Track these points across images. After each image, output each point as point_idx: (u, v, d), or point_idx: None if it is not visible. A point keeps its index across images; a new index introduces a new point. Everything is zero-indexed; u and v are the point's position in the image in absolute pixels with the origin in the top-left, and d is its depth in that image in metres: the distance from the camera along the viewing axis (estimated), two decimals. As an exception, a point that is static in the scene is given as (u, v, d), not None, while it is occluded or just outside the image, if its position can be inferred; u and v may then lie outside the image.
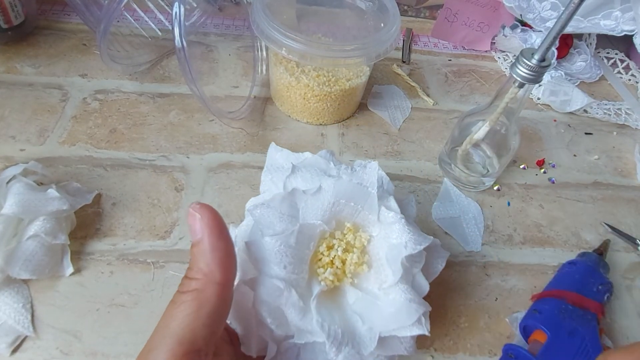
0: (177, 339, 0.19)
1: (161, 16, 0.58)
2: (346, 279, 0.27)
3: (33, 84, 0.50)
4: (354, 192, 0.27)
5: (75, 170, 0.42)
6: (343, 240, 0.28)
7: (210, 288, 0.21)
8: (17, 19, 0.51)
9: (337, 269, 0.27)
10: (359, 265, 0.27)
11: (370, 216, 0.28)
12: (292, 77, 0.47)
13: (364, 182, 0.28)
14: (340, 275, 0.27)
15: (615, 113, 0.58)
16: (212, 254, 0.21)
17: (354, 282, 0.27)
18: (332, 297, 0.27)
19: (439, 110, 0.56)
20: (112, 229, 0.39)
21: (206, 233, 0.21)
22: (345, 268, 0.27)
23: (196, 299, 0.20)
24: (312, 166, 0.30)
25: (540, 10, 0.59)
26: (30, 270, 0.33)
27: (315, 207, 0.27)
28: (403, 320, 0.25)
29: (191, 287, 0.21)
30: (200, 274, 0.21)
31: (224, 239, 0.22)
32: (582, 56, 0.63)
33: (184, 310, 0.20)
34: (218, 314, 0.21)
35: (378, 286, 0.27)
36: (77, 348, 0.32)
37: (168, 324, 0.20)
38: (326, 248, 0.27)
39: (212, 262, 0.21)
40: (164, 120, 0.48)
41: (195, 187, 0.43)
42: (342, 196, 0.27)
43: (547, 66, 0.35)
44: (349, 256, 0.27)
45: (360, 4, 0.50)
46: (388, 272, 0.27)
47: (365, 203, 0.28)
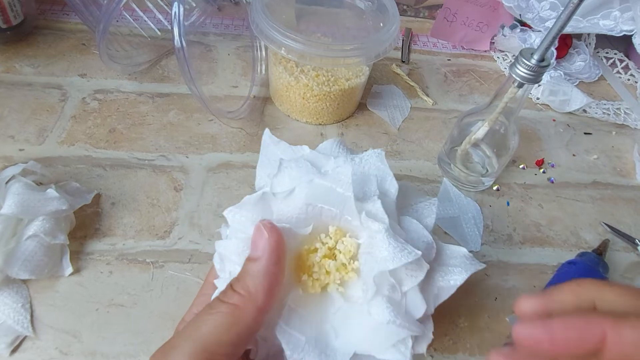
0: (203, 344, 0.19)
1: (160, 16, 0.58)
2: (333, 284, 0.25)
3: (32, 83, 0.50)
4: (329, 195, 0.24)
5: (74, 170, 0.42)
6: (324, 245, 0.25)
7: (250, 309, 0.21)
8: (16, 19, 0.51)
9: (316, 274, 0.25)
10: (345, 272, 0.25)
11: (353, 221, 0.25)
12: (291, 76, 0.47)
13: (342, 182, 0.24)
14: (322, 281, 0.25)
15: (615, 113, 0.58)
16: (263, 277, 0.21)
17: (342, 290, 0.25)
18: (317, 302, 0.25)
19: (438, 110, 0.56)
20: (111, 229, 0.39)
21: (267, 255, 0.21)
22: (330, 274, 0.25)
23: (232, 314, 0.20)
24: (305, 162, 0.27)
25: (540, 10, 0.59)
26: (29, 270, 0.33)
27: (287, 212, 0.25)
28: (379, 342, 0.23)
29: (232, 300, 0.21)
30: (245, 291, 0.21)
31: (279, 266, 0.22)
32: (581, 56, 0.63)
33: (217, 320, 0.20)
34: (246, 335, 0.21)
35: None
36: (77, 348, 0.32)
37: (198, 327, 0.20)
38: (305, 252, 0.25)
39: (259, 285, 0.21)
40: (163, 120, 0.48)
41: (195, 187, 0.43)
42: (316, 199, 0.24)
43: (546, 66, 0.35)
44: (327, 262, 0.25)
45: (360, 3, 0.50)
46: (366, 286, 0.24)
47: (343, 207, 0.25)
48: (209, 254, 0.38)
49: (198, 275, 0.37)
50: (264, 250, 0.22)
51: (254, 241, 0.22)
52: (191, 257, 0.38)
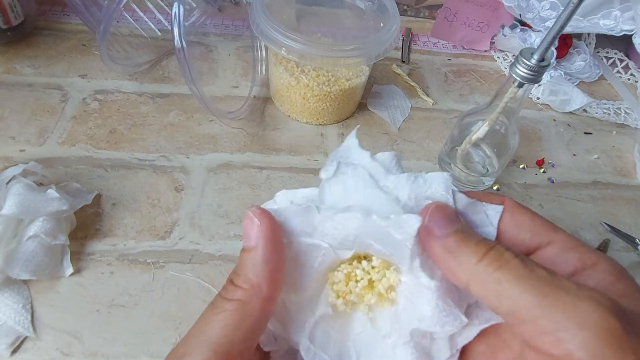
0: (214, 348, 0.19)
1: (160, 16, 0.58)
2: (364, 307, 0.23)
3: (33, 84, 0.50)
4: (384, 237, 0.22)
5: (75, 171, 0.42)
6: (366, 276, 0.23)
7: (256, 301, 0.20)
8: (16, 20, 0.51)
9: (349, 297, 0.23)
10: (380, 300, 0.23)
11: (401, 266, 0.23)
12: (291, 77, 0.47)
13: (405, 232, 0.21)
14: (354, 302, 0.23)
15: (615, 112, 0.58)
16: (263, 265, 0.20)
17: (370, 313, 0.23)
18: (343, 319, 0.24)
19: (438, 110, 0.56)
20: (112, 230, 0.39)
21: (262, 243, 0.20)
22: (364, 299, 0.23)
23: (238, 311, 0.19)
24: (364, 172, 0.24)
25: (540, 10, 0.59)
26: (30, 270, 0.33)
27: (331, 232, 0.22)
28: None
29: (236, 296, 0.20)
30: (248, 284, 0.20)
31: (278, 252, 0.21)
32: (582, 56, 0.63)
33: (224, 320, 0.19)
34: (257, 328, 0.20)
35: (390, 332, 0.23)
36: (77, 349, 0.32)
37: (205, 331, 0.19)
38: (345, 276, 0.23)
39: (261, 274, 0.20)
40: (164, 120, 0.48)
41: (195, 188, 0.43)
42: (368, 236, 0.22)
43: (546, 66, 0.35)
44: (367, 295, 0.23)
45: (360, 4, 0.50)
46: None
47: (396, 252, 0.22)
48: (210, 254, 0.38)
49: (199, 276, 0.37)
50: (258, 238, 0.20)
51: (246, 230, 0.21)
52: (192, 258, 0.38)
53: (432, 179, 0.23)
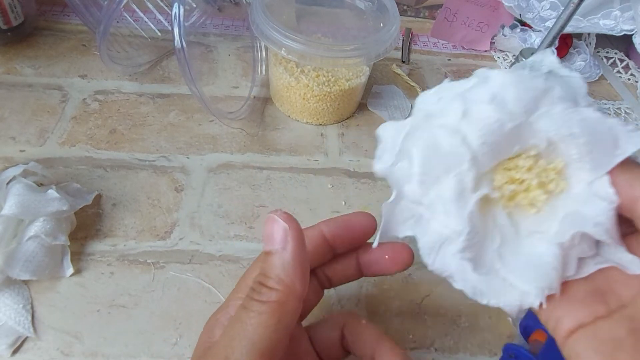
0: (260, 350, 0.19)
1: (160, 17, 0.58)
2: (529, 200, 0.22)
3: (33, 84, 0.50)
4: (601, 142, 0.21)
5: (75, 171, 0.42)
6: (543, 174, 0.22)
7: (292, 301, 0.20)
8: (16, 20, 0.51)
9: (522, 188, 0.22)
10: (547, 200, 0.22)
11: (586, 171, 0.21)
12: (291, 77, 0.47)
13: (624, 140, 0.20)
14: (518, 197, 0.23)
15: (615, 112, 0.58)
16: (295, 266, 0.21)
17: (532, 209, 0.23)
18: (495, 206, 0.23)
19: (438, 110, 0.55)
20: (112, 230, 0.39)
21: (292, 244, 0.21)
22: (531, 195, 0.22)
23: (277, 312, 0.20)
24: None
25: (540, 10, 0.59)
26: (30, 271, 0.33)
27: (556, 114, 0.21)
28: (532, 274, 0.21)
29: (272, 297, 0.20)
30: (282, 285, 0.20)
31: (305, 251, 0.21)
32: (582, 56, 0.63)
33: (263, 322, 0.20)
34: (292, 326, 0.21)
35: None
36: (78, 349, 0.32)
37: (247, 334, 0.19)
38: (528, 166, 0.22)
39: (294, 274, 0.20)
40: (164, 120, 0.48)
41: (196, 188, 0.43)
42: (585, 132, 0.21)
43: (546, 66, 0.35)
44: (533, 193, 0.22)
45: (360, 4, 0.51)
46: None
47: (596, 158, 0.21)
48: (210, 255, 0.38)
49: (199, 276, 0.37)
50: (285, 241, 0.21)
51: (269, 234, 0.21)
52: (192, 258, 0.38)
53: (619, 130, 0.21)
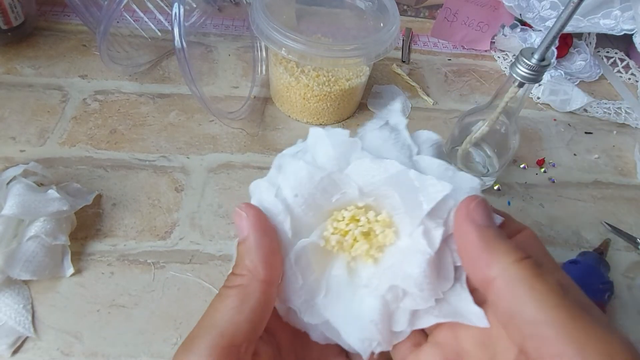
0: (220, 330, 0.20)
1: (161, 17, 0.58)
2: (350, 252, 0.24)
3: (33, 85, 0.50)
4: (408, 195, 0.22)
5: (75, 171, 0.42)
6: (367, 225, 0.23)
7: (254, 284, 0.21)
8: (16, 20, 0.51)
9: (346, 238, 0.24)
10: (368, 252, 0.24)
11: (402, 229, 0.23)
12: (291, 77, 0.47)
13: (428, 192, 0.22)
14: (344, 247, 0.24)
15: (615, 112, 0.58)
16: (256, 251, 0.21)
17: (352, 262, 0.24)
18: (327, 254, 0.24)
19: (438, 110, 0.56)
20: (112, 230, 0.39)
21: (251, 231, 0.22)
22: (354, 246, 0.24)
23: (239, 295, 0.21)
24: (405, 139, 0.25)
25: (540, 10, 0.59)
26: (30, 271, 0.33)
27: (363, 173, 0.23)
28: (357, 326, 0.23)
29: (236, 282, 0.21)
30: (245, 271, 0.21)
31: (268, 236, 0.22)
32: (582, 55, 0.63)
33: (228, 304, 0.21)
34: (260, 310, 0.21)
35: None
36: (78, 349, 0.32)
37: (212, 316, 0.21)
38: (350, 217, 0.23)
39: (256, 259, 0.21)
40: (164, 120, 0.48)
41: (196, 188, 0.43)
42: (394, 187, 0.22)
43: (546, 65, 0.35)
44: (360, 243, 0.23)
45: (360, 4, 0.50)
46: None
47: (409, 212, 0.22)
48: (210, 255, 0.38)
49: (199, 276, 0.37)
50: (248, 227, 0.22)
51: (237, 225, 0.22)
52: (192, 258, 0.38)
53: (462, 179, 0.23)
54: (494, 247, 0.19)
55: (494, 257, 0.18)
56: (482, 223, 0.19)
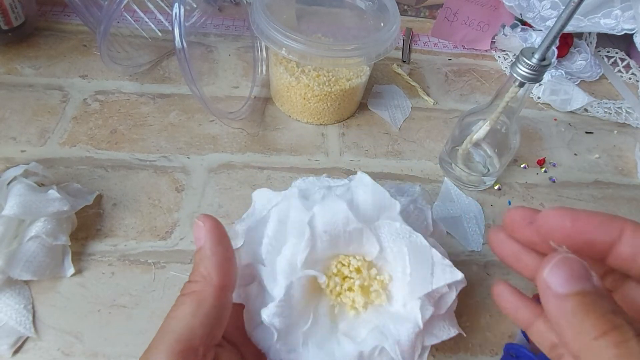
0: (175, 336, 0.20)
1: (161, 17, 0.58)
2: (344, 300, 0.25)
3: (33, 85, 0.50)
4: (424, 263, 0.24)
5: (75, 171, 0.42)
6: (368, 279, 0.25)
7: (208, 290, 0.22)
8: (17, 20, 0.51)
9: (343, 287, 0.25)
10: (361, 303, 0.25)
11: (401, 293, 0.25)
12: (292, 77, 0.47)
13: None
14: (341, 292, 0.25)
15: (616, 112, 0.58)
16: (210, 258, 0.22)
17: (337, 311, 0.25)
18: (316, 296, 0.25)
19: (439, 110, 0.56)
20: (112, 230, 0.39)
21: (207, 239, 0.23)
22: (350, 296, 0.25)
23: (194, 301, 0.21)
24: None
25: (540, 10, 0.59)
26: (31, 271, 0.33)
27: (392, 231, 0.24)
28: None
29: (191, 289, 0.22)
30: (200, 277, 0.22)
31: (223, 244, 0.23)
32: (583, 55, 0.63)
33: (183, 311, 0.21)
34: (215, 315, 0.22)
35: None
36: (78, 349, 0.32)
37: (169, 323, 0.21)
38: (355, 267, 0.25)
39: (210, 266, 0.22)
40: (165, 120, 0.48)
41: (196, 188, 0.43)
42: (412, 254, 0.24)
43: (547, 65, 0.35)
44: (352, 293, 0.25)
45: (360, 3, 0.50)
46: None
47: (418, 281, 0.24)
48: (211, 255, 0.38)
49: (200, 276, 0.37)
50: (204, 237, 0.23)
51: (195, 236, 0.23)
52: (193, 258, 0.38)
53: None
54: (575, 321, 0.17)
55: (575, 332, 0.17)
56: (562, 290, 0.17)
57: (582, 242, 0.19)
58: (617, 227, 0.18)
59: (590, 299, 0.17)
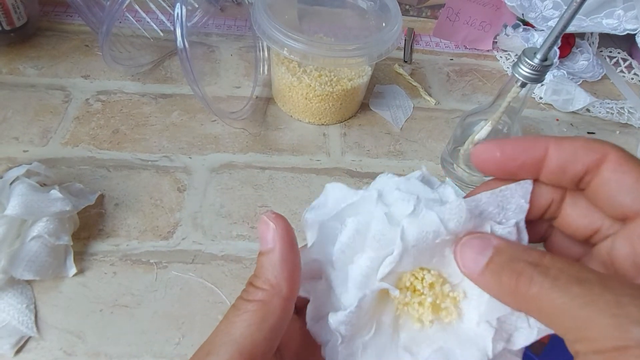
0: (238, 347, 0.19)
1: (163, 17, 0.58)
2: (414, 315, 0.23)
3: (36, 85, 0.50)
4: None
5: (78, 171, 0.42)
6: (441, 295, 0.23)
7: (276, 301, 0.20)
8: (19, 21, 0.52)
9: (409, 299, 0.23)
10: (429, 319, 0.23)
11: (480, 312, 0.22)
12: (293, 77, 0.47)
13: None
14: (410, 303, 0.24)
15: (618, 112, 0.58)
16: (281, 266, 0.21)
17: (400, 316, 0.24)
18: (386, 305, 0.24)
19: (440, 110, 0.55)
20: (114, 230, 0.39)
21: (279, 244, 0.21)
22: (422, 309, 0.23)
23: (260, 310, 0.20)
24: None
25: (542, 10, 0.58)
26: (33, 271, 0.33)
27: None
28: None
29: (257, 296, 0.20)
30: (268, 285, 0.21)
31: (294, 252, 0.21)
32: (585, 55, 0.63)
33: (247, 320, 0.20)
34: (279, 328, 0.20)
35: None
36: (81, 349, 0.32)
37: (230, 331, 0.20)
38: (429, 283, 0.23)
39: (280, 274, 0.21)
40: (166, 120, 0.48)
41: (198, 188, 0.43)
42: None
43: (549, 65, 0.35)
44: (421, 308, 0.23)
45: (362, 3, 0.50)
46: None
47: (495, 303, 0.22)
48: (212, 255, 0.38)
49: (201, 276, 0.37)
50: (275, 241, 0.21)
51: (262, 234, 0.21)
52: (194, 258, 0.38)
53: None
54: (495, 289, 0.19)
55: (510, 297, 0.18)
56: (477, 268, 0.19)
57: (515, 167, 0.20)
58: (541, 146, 0.20)
59: (497, 264, 0.19)
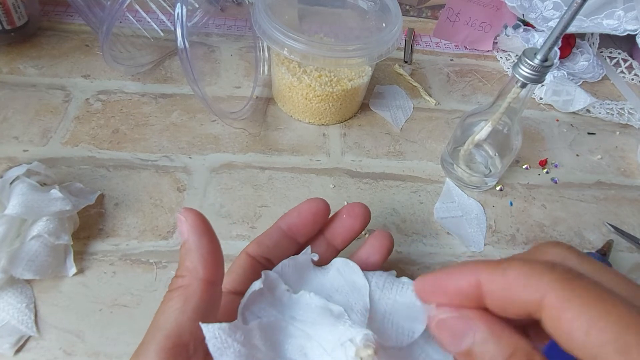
0: (165, 332, 0.20)
1: (163, 17, 0.58)
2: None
3: (36, 84, 0.50)
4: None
5: (78, 171, 0.43)
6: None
7: (195, 284, 0.21)
8: (20, 20, 0.52)
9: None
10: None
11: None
12: (294, 77, 0.47)
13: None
14: None
15: (618, 113, 0.58)
16: (195, 252, 0.22)
17: None
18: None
19: (441, 110, 0.55)
20: (114, 230, 0.39)
21: (191, 232, 0.22)
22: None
23: (182, 295, 0.21)
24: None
25: (543, 10, 0.58)
26: (33, 270, 0.33)
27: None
28: None
29: (177, 284, 0.22)
30: (186, 271, 0.22)
31: (207, 237, 0.23)
32: (585, 56, 0.63)
33: (171, 306, 0.21)
34: (204, 309, 0.21)
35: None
36: (80, 348, 0.32)
37: (157, 320, 0.21)
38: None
39: (195, 259, 0.22)
40: (167, 120, 0.49)
41: (198, 188, 0.43)
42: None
43: (549, 66, 0.35)
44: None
45: (362, 4, 0.50)
46: None
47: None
48: (212, 255, 0.38)
49: (201, 276, 0.37)
50: (187, 232, 0.22)
51: (179, 230, 0.23)
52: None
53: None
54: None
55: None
56: (457, 350, 0.20)
57: (455, 301, 0.20)
58: (472, 280, 0.19)
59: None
